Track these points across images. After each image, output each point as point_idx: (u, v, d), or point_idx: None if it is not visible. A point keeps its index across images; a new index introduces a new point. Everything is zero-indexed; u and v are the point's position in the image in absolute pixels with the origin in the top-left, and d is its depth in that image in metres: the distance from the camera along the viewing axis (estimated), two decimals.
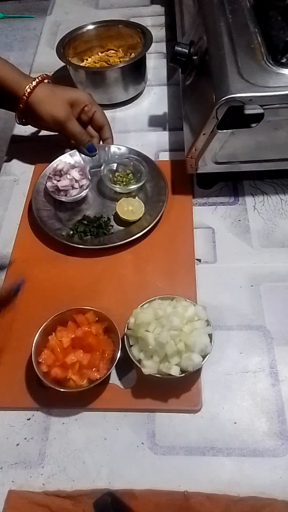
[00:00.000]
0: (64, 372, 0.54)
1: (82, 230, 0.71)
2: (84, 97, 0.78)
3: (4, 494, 0.50)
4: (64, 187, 0.74)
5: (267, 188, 0.77)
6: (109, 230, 0.72)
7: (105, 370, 0.54)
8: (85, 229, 0.71)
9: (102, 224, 0.72)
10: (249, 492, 0.49)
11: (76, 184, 0.75)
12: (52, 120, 0.75)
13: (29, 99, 0.73)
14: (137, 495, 0.49)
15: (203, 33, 0.73)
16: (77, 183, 0.75)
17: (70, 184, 0.75)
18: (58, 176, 0.76)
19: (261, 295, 0.64)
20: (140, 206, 0.73)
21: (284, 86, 0.61)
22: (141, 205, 0.73)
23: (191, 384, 0.55)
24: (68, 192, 0.75)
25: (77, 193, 0.75)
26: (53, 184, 0.75)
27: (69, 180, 0.75)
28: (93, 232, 0.71)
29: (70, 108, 0.76)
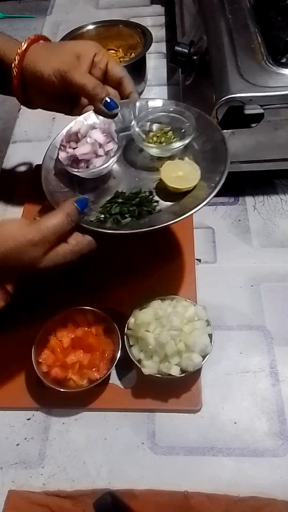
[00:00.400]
0: (64, 372, 0.54)
1: (117, 211, 0.53)
2: (91, 46, 0.60)
3: (4, 494, 0.50)
4: (84, 156, 0.55)
5: (267, 188, 0.76)
6: (155, 207, 0.54)
7: (105, 370, 0.54)
8: (121, 210, 0.53)
9: (144, 201, 0.54)
10: (249, 492, 0.49)
11: (100, 150, 0.56)
12: (55, 75, 0.56)
13: (23, 62, 0.58)
14: (137, 495, 0.49)
15: (203, 33, 0.74)
16: (102, 148, 0.56)
17: (93, 150, 0.55)
18: (74, 142, 0.57)
19: (261, 295, 0.64)
20: (193, 169, 0.54)
21: (284, 86, 0.61)
22: (195, 167, 0.55)
23: (191, 384, 0.55)
24: (90, 162, 0.55)
25: (103, 162, 0.55)
26: (68, 153, 0.56)
27: (91, 145, 0.55)
28: (134, 212, 0.53)
29: (74, 58, 0.57)
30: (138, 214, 0.53)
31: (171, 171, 0.55)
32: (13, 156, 0.87)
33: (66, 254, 0.49)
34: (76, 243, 0.50)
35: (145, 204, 0.54)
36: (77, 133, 0.56)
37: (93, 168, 0.55)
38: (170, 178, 0.54)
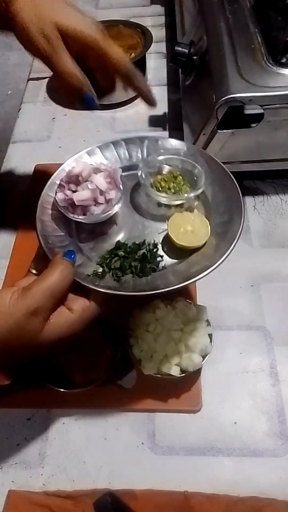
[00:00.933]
0: (64, 372, 0.54)
1: (118, 266, 0.47)
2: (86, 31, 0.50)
3: (4, 494, 0.50)
4: (82, 202, 0.50)
5: (267, 188, 0.76)
6: (158, 263, 0.49)
7: (105, 370, 0.54)
8: (122, 265, 0.47)
9: (147, 255, 0.48)
10: (249, 492, 0.49)
11: (101, 198, 0.50)
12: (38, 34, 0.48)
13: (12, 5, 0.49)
14: (137, 495, 0.49)
15: (203, 33, 0.73)
16: (103, 195, 0.51)
17: (92, 197, 0.50)
18: (74, 185, 0.51)
19: (261, 295, 0.64)
20: (203, 224, 0.49)
21: (284, 86, 0.61)
22: (205, 221, 0.50)
23: (191, 384, 0.55)
24: (88, 209, 0.50)
25: (102, 212, 0.50)
26: (66, 196, 0.51)
27: (91, 191, 0.50)
28: (136, 268, 0.47)
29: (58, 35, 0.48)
30: (141, 271, 0.47)
31: (179, 224, 0.49)
32: (13, 156, 0.87)
33: (71, 324, 0.42)
34: (83, 311, 0.43)
35: (149, 259, 0.48)
36: (79, 175, 0.51)
37: (91, 216, 0.50)
38: (178, 233, 0.49)
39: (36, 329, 0.40)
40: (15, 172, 0.84)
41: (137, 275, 0.47)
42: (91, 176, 0.51)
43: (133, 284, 0.46)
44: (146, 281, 0.47)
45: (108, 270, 0.48)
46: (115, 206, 0.51)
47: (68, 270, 0.43)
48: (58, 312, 0.42)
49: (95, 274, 0.47)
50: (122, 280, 0.47)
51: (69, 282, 0.43)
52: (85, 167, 0.52)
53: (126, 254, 0.48)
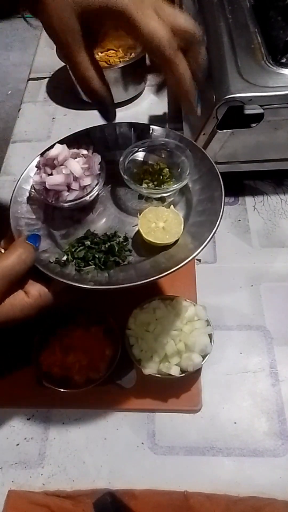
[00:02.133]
0: (64, 372, 0.54)
1: (81, 256, 0.47)
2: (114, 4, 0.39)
3: (4, 494, 0.50)
4: (54, 187, 0.48)
5: (267, 188, 0.76)
6: (125, 257, 0.47)
7: (105, 370, 0.54)
8: (86, 255, 0.47)
9: (115, 248, 0.47)
10: (249, 492, 0.49)
11: (74, 184, 0.49)
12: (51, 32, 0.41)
13: None
14: (137, 495, 0.49)
15: (203, 33, 0.73)
16: (77, 182, 0.49)
17: (66, 182, 0.48)
18: (50, 168, 0.49)
19: (261, 295, 0.64)
20: (176, 221, 0.47)
21: (284, 86, 0.61)
22: (179, 219, 0.48)
23: (191, 384, 0.55)
24: (61, 194, 0.49)
25: (74, 198, 0.49)
26: (40, 179, 0.49)
27: (65, 176, 0.48)
28: (99, 260, 0.46)
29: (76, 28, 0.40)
30: (103, 263, 0.46)
31: (151, 219, 0.47)
32: (13, 156, 0.87)
33: (24, 307, 0.42)
34: (39, 297, 0.43)
35: (115, 252, 0.47)
36: (54, 159, 0.49)
37: (62, 201, 0.48)
38: (149, 228, 0.47)
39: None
40: (15, 172, 0.84)
41: (99, 268, 0.46)
42: (66, 161, 0.49)
43: (93, 275, 0.45)
44: (108, 274, 0.45)
45: (72, 259, 0.47)
46: (90, 194, 0.49)
47: (27, 255, 0.42)
48: (13, 295, 0.41)
49: (57, 261, 0.46)
50: (83, 271, 0.46)
51: (27, 267, 0.42)
52: (62, 151, 0.49)
53: (92, 245, 0.48)
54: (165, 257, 0.46)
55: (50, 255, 0.47)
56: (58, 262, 0.46)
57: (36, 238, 0.45)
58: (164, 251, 0.46)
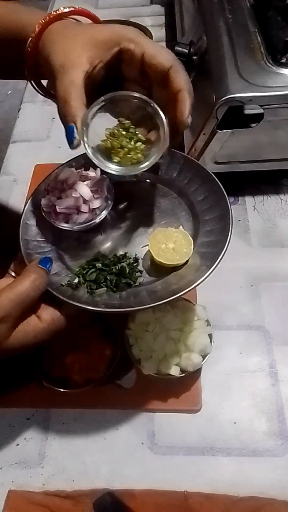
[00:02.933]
0: (64, 372, 0.54)
1: (93, 278, 0.46)
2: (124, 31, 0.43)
3: (4, 494, 0.50)
4: (64, 210, 0.48)
5: (267, 188, 0.76)
6: (136, 279, 0.47)
7: (105, 370, 0.54)
8: (98, 277, 0.46)
9: (125, 269, 0.47)
10: (249, 492, 0.49)
11: (84, 207, 0.49)
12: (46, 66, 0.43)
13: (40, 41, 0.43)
14: (137, 495, 0.49)
15: (203, 33, 0.73)
16: (87, 204, 0.49)
17: (75, 205, 0.48)
18: (59, 191, 0.50)
19: (261, 295, 0.64)
20: (186, 242, 0.47)
21: (284, 86, 0.61)
22: (188, 240, 0.47)
23: (191, 384, 0.55)
24: (71, 217, 0.49)
25: (85, 221, 0.49)
26: (50, 202, 0.50)
27: (74, 200, 0.48)
28: (111, 282, 0.46)
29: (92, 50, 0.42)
30: (115, 285, 0.46)
31: (160, 240, 0.47)
32: (13, 156, 0.87)
33: (37, 333, 0.42)
34: (52, 321, 0.43)
35: (126, 274, 0.47)
36: (64, 182, 0.50)
37: (73, 224, 0.49)
38: (158, 249, 0.47)
39: (2, 336, 0.40)
40: (14, 172, 0.84)
41: (111, 289, 0.46)
42: (76, 184, 0.49)
43: (105, 298, 0.45)
44: (119, 296, 0.45)
45: (83, 281, 0.46)
46: (99, 216, 0.49)
47: (41, 280, 0.42)
48: (27, 320, 0.41)
49: (69, 284, 0.46)
50: (95, 294, 0.45)
51: (40, 292, 0.42)
52: (71, 174, 0.50)
53: (103, 267, 0.47)
54: (176, 278, 0.45)
55: (61, 278, 0.46)
56: (70, 285, 0.46)
57: (48, 261, 0.44)
58: (174, 272, 0.46)
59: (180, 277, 0.45)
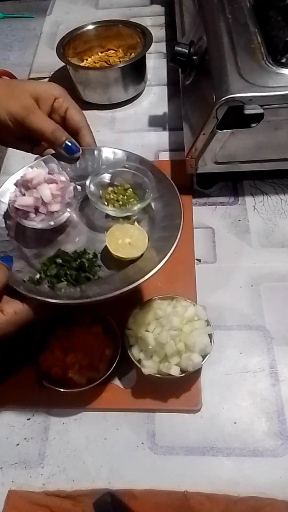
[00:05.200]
0: (64, 372, 0.54)
1: (54, 273, 0.48)
2: (53, 89, 0.56)
3: (4, 494, 0.50)
4: (23, 207, 0.50)
5: (267, 188, 0.76)
6: (95, 272, 0.50)
7: (105, 370, 0.54)
8: (58, 272, 0.49)
9: (85, 264, 0.49)
10: (249, 492, 0.49)
11: (42, 208, 0.51)
12: (10, 118, 0.53)
13: None
14: (137, 495, 0.49)
15: (203, 33, 0.73)
16: (45, 206, 0.51)
17: (34, 205, 0.50)
18: (24, 189, 0.52)
19: (261, 295, 0.64)
20: (141, 237, 0.50)
21: (284, 86, 0.61)
22: (143, 235, 0.51)
23: (191, 384, 0.55)
24: (28, 215, 0.51)
25: (40, 221, 0.51)
26: (15, 197, 0.52)
27: (34, 199, 0.50)
28: (71, 276, 0.48)
29: (33, 102, 0.54)
30: (75, 279, 0.48)
31: (118, 236, 0.50)
32: (13, 156, 0.87)
33: (1, 325, 0.44)
34: (14, 314, 0.44)
35: (86, 268, 0.49)
36: (30, 181, 0.51)
37: (30, 222, 0.51)
38: (116, 244, 0.50)
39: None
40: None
41: (72, 284, 0.48)
42: (39, 185, 0.51)
43: (66, 292, 0.47)
44: (80, 289, 0.48)
45: (44, 276, 0.48)
46: (57, 219, 0.52)
47: (1, 274, 0.44)
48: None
49: (31, 280, 0.48)
50: (56, 288, 0.48)
51: (2, 286, 0.44)
52: (38, 174, 0.52)
53: (63, 262, 0.50)
54: (133, 270, 0.48)
55: (24, 274, 0.48)
56: (32, 281, 0.48)
57: (10, 259, 0.48)
58: (132, 265, 0.49)
59: (137, 269, 0.48)
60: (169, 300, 0.58)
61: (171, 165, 0.81)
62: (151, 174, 0.54)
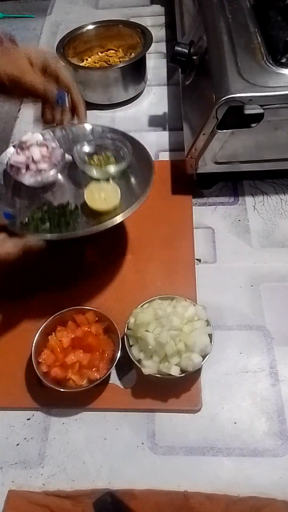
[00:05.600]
0: (64, 372, 0.54)
1: (39, 216, 0.58)
2: (45, 53, 0.63)
3: (4, 494, 0.50)
4: (16, 163, 0.61)
5: (267, 188, 0.76)
6: (75, 219, 0.58)
7: (105, 370, 0.54)
8: (43, 216, 0.58)
9: (67, 212, 0.59)
10: (249, 492, 0.49)
11: (32, 165, 0.61)
12: (6, 78, 0.60)
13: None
14: (137, 495, 0.49)
15: (203, 33, 0.73)
16: (35, 164, 0.61)
17: (25, 162, 0.61)
18: (20, 149, 0.62)
19: (261, 295, 0.64)
20: (114, 192, 0.59)
21: (284, 86, 0.61)
22: (116, 190, 0.59)
23: (191, 384, 0.55)
24: (20, 171, 0.61)
25: (29, 178, 0.61)
26: (10, 155, 0.63)
27: (25, 158, 0.61)
28: (53, 220, 0.58)
29: (28, 64, 0.61)
30: (57, 223, 0.57)
31: (94, 191, 0.59)
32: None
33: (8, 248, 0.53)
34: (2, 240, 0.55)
35: (67, 214, 0.58)
36: (24, 142, 0.62)
37: (21, 177, 0.60)
38: (93, 198, 0.59)
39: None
40: None
41: (54, 226, 0.57)
42: (31, 146, 0.61)
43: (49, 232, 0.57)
44: (59, 231, 0.57)
45: (32, 220, 0.57)
46: (45, 177, 0.61)
47: None
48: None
49: (21, 224, 0.57)
50: (41, 228, 0.57)
51: None
52: (31, 138, 0.62)
53: (48, 210, 0.59)
54: (106, 218, 0.57)
55: (16, 220, 0.58)
56: (21, 223, 0.57)
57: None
58: (107, 214, 0.58)
59: (110, 217, 0.57)
60: (169, 300, 0.58)
61: (171, 165, 0.81)
62: (129, 145, 0.63)
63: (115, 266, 0.68)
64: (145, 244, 0.71)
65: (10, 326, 0.63)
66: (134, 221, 0.74)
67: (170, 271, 0.67)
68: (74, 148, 0.64)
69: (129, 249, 0.70)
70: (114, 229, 0.58)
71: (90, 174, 0.63)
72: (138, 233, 0.72)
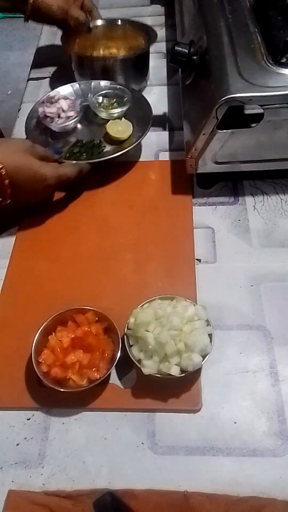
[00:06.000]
0: (64, 372, 0.54)
1: (77, 151, 0.79)
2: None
3: (4, 494, 0.50)
4: (50, 114, 0.82)
5: (267, 188, 0.76)
6: (102, 149, 0.80)
7: (105, 370, 0.54)
8: (80, 150, 0.79)
9: (96, 145, 0.81)
10: (249, 492, 0.49)
11: (62, 114, 0.83)
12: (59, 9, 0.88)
13: None
14: (137, 495, 0.49)
15: (203, 33, 0.74)
16: (64, 113, 0.83)
17: (57, 112, 0.83)
18: (49, 104, 0.84)
19: (261, 295, 0.64)
20: (128, 126, 0.82)
21: (284, 86, 0.61)
22: (129, 124, 0.82)
23: (191, 384, 0.55)
24: (54, 119, 0.82)
25: (62, 123, 0.82)
26: (43, 110, 0.83)
27: (57, 109, 0.83)
28: (88, 152, 0.79)
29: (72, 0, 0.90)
30: (91, 154, 0.79)
31: (113, 126, 0.82)
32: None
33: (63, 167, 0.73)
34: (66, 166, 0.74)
35: (96, 147, 0.81)
36: (53, 97, 0.85)
37: (56, 124, 0.82)
38: (113, 131, 0.81)
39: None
40: None
41: (89, 157, 0.79)
42: (59, 100, 0.85)
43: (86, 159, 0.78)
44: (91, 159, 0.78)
45: (72, 154, 0.79)
46: (71, 121, 0.83)
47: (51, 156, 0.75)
48: None
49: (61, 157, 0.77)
50: (81, 159, 0.78)
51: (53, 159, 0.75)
52: (57, 93, 0.87)
53: (82, 145, 0.81)
54: (126, 143, 0.81)
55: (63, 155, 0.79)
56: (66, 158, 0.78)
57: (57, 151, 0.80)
58: (124, 142, 0.81)
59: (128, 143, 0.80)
60: (169, 300, 0.58)
61: (171, 165, 0.81)
62: (129, 93, 0.86)
63: (115, 266, 0.68)
64: (145, 244, 0.71)
65: (10, 326, 0.63)
66: (134, 221, 0.74)
67: (170, 271, 0.67)
68: (89, 96, 0.86)
69: (129, 249, 0.70)
70: None
71: (100, 116, 0.86)
72: (138, 233, 0.72)
